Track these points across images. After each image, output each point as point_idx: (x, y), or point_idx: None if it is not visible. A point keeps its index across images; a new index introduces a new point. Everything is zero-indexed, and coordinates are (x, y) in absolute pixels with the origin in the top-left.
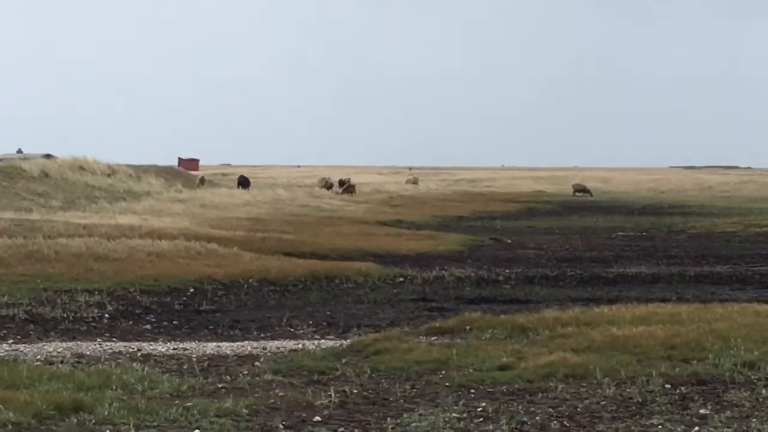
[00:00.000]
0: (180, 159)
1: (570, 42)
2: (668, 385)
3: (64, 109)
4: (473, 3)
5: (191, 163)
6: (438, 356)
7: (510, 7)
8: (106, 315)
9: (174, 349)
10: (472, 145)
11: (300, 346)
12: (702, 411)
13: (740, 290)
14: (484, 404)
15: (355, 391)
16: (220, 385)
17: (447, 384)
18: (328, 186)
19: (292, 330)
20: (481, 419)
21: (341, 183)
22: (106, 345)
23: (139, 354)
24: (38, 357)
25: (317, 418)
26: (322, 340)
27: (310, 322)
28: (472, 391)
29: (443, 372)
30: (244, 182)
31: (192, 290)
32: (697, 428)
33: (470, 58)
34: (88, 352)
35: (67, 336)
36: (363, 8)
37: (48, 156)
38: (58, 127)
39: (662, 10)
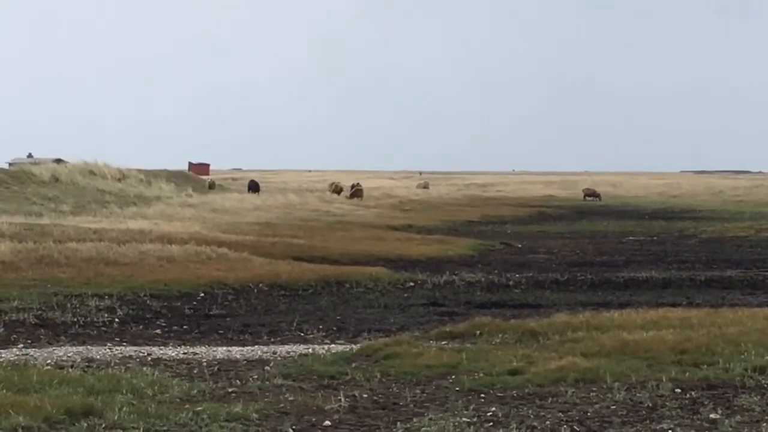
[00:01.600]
0: (190, 163)
1: (581, 46)
2: (678, 390)
3: (75, 113)
4: (484, 6)
5: (202, 168)
6: (448, 361)
7: (520, 10)
8: (117, 319)
9: (184, 353)
10: (482, 150)
11: (310, 350)
12: (712, 416)
13: (751, 295)
14: (494, 409)
15: (365, 395)
16: (230, 390)
17: (457, 388)
18: (338, 191)
19: (303, 334)
20: (492, 424)
21: (352, 188)
22: (117, 349)
23: (149, 358)
24: (48, 361)
25: (327, 423)
26: (333, 345)
27: (321, 327)
28: (483, 395)
29: (453, 376)
30: (254, 187)
31: (202, 295)
32: None
33: (481, 62)
34: (98, 357)
35: (77, 340)
36: (372, 11)
37: (58, 160)
38: (69, 132)
39: (673, 15)
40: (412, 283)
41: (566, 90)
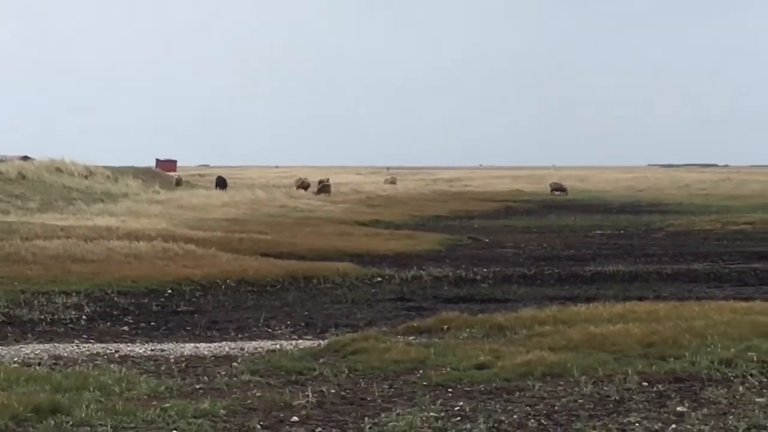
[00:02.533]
0: (158, 160)
1: (546, 40)
2: (645, 383)
3: (41, 111)
4: (450, 3)
5: (169, 164)
6: (416, 356)
7: (487, 7)
8: (84, 317)
9: (152, 350)
10: (450, 145)
11: (278, 346)
12: (679, 408)
13: (717, 288)
14: (461, 403)
15: (333, 391)
16: (197, 386)
17: (425, 383)
18: (305, 186)
19: (270, 330)
20: (459, 418)
21: (320, 183)
22: (84, 346)
23: (116, 355)
24: (15, 359)
25: (295, 419)
26: (300, 341)
27: (288, 323)
28: (450, 390)
29: (421, 371)
30: (221, 183)
31: (170, 291)
32: (674, 426)
33: (448, 59)
34: (65, 354)
35: (44, 338)
36: (341, 8)
37: (25, 158)
38: (35, 129)
39: (640, 7)
40: (379, 279)
41: (534, 85)
